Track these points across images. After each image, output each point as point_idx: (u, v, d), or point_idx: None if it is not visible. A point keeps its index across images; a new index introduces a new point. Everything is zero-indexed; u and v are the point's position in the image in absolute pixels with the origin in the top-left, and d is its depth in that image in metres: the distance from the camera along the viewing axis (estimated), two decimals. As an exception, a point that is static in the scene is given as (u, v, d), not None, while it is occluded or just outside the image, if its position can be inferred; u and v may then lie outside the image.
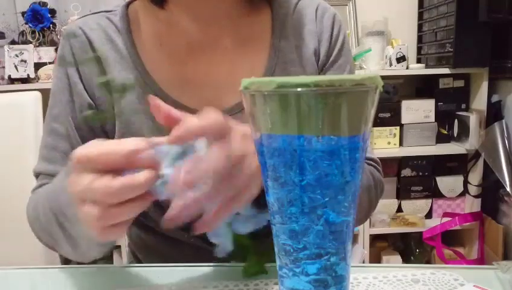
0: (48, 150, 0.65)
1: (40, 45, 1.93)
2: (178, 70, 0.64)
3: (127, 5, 0.67)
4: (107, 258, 2.04)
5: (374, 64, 1.95)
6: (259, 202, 0.45)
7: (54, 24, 1.96)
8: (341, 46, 0.69)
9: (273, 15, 0.68)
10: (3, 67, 1.89)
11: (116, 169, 0.39)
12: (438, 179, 1.99)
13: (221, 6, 0.65)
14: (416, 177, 1.99)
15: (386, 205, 1.99)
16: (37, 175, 0.66)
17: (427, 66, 1.98)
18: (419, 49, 2.13)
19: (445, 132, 1.99)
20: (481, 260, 1.92)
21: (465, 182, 1.96)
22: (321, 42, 0.68)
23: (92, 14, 0.68)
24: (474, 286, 0.46)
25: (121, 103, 0.62)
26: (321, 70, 0.69)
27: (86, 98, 0.63)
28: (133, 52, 0.64)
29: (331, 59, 0.68)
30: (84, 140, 0.62)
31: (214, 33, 0.65)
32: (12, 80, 1.87)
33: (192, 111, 0.61)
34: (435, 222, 1.97)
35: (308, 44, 0.67)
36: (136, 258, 0.77)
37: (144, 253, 0.75)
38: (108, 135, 0.64)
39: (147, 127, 0.61)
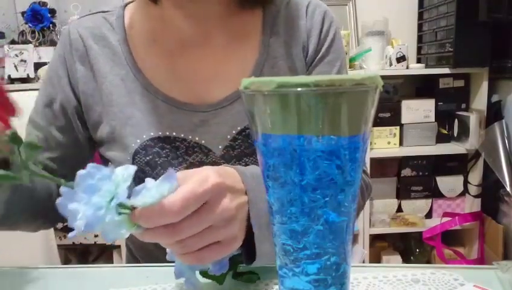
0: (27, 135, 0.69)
1: (40, 44, 1.93)
2: (168, 66, 0.66)
3: (125, 6, 0.71)
4: (107, 258, 2.04)
5: (374, 64, 1.95)
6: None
7: (54, 24, 1.96)
8: (331, 42, 0.69)
9: (264, 13, 0.69)
10: (3, 67, 1.89)
11: None
12: (438, 179, 1.99)
13: (213, 4, 0.66)
14: (416, 177, 1.99)
15: (386, 204, 1.99)
16: None
17: (427, 66, 1.98)
18: (419, 49, 2.13)
19: (445, 132, 1.99)
20: (481, 260, 1.92)
21: (465, 182, 1.96)
22: (310, 38, 0.68)
23: (90, 14, 0.71)
24: (474, 285, 0.46)
25: (112, 96, 0.65)
26: (309, 66, 0.69)
27: (68, 91, 0.67)
28: (126, 49, 0.67)
29: (320, 55, 0.68)
30: (61, 130, 0.68)
31: (205, 30, 0.67)
32: (12, 80, 1.87)
33: (182, 104, 0.65)
34: (435, 221, 1.97)
35: (297, 39, 0.68)
36: (134, 258, 0.78)
37: (141, 252, 0.76)
38: (87, 125, 0.68)
39: (137, 120, 0.64)
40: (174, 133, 0.64)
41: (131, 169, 0.37)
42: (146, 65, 0.66)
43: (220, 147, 0.65)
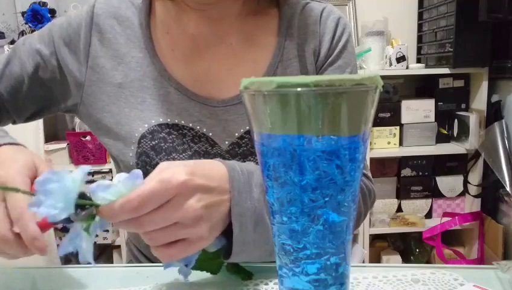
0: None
1: (40, 44, 1.93)
2: (181, 60, 0.67)
3: None
4: (107, 258, 2.04)
5: (374, 64, 1.95)
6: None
7: (54, 24, 1.96)
8: (342, 48, 0.70)
9: (280, 15, 0.69)
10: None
11: None
12: (438, 179, 1.99)
13: (228, 7, 0.66)
14: (416, 177, 1.99)
15: (386, 204, 1.99)
16: None
17: (427, 66, 1.98)
18: (419, 49, 2.13)
19: (445, 132, 1.99)
20: (481, 260, 1.92)
21: (465, 182, 1.96)
22: (322, 43, 0.69)
23: None
24: (474, 285, 0.46)
25: (126, 79, 0.66)
26: (319, 70, 0.69)
27: (71, 59, 0.67)
28: (147, 34, 0.67)
29: (330, 60, 0.69)
30: (38, 81, 0.68)
31: (218, 30, 0.67)
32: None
33: (194, 95, 0.65)
34: (435, 221, 1.97)
35: (309, 44, 0.68)
36: (135, 257, 0.78)
37: (144, 248, 0.76)
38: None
39: (147, 105, 0.65)
40: (183, 122, 0.65)
41: (82, 171, 0.39)
42: (163, 52, 0.67)
43: (226, 142, 0.65)
